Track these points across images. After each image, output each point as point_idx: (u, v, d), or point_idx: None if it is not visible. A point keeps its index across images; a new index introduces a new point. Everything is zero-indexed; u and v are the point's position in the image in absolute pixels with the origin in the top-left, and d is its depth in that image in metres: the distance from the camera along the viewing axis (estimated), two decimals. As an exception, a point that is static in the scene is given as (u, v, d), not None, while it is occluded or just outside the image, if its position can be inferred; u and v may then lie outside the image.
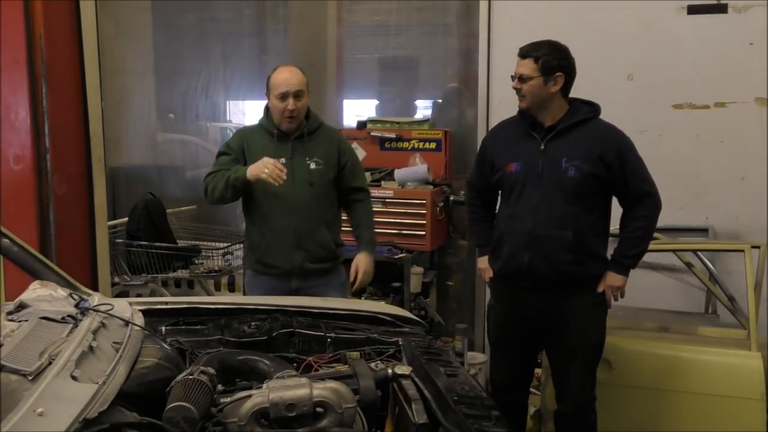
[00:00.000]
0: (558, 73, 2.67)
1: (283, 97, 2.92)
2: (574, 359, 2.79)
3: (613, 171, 2.67)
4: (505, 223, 2.81)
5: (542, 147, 2.71)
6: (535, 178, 2.70)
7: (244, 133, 3.13)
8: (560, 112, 2.73)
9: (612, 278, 2.75)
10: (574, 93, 4.26)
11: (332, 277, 3.12)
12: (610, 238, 2.88)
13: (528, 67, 2.67)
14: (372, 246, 3.18)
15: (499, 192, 2.92)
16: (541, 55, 2.66)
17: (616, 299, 2.81)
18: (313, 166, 3.02)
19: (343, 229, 3.25)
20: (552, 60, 2.66)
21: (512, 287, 2.83)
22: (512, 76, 2.73)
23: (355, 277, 3.10)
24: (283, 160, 2.95)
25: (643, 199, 2.71)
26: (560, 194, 2.67)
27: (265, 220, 3.01)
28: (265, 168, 2.77)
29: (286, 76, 2.95)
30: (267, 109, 3.10)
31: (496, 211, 2.98)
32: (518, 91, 2.71)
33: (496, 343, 3.02)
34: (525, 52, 2.70)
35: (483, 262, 2.98)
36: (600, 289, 2.76)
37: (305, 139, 3.03)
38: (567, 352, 2.80)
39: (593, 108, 2.77)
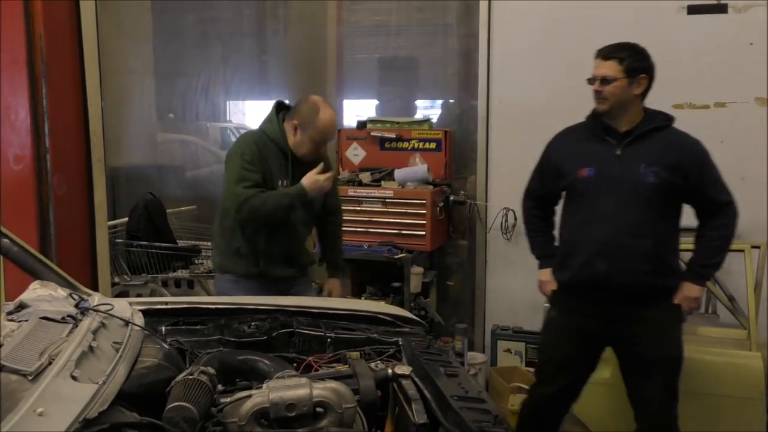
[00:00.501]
0: (642, 75, 2.60)
1: (322, 142, 2.93)
2: (650, 375, 2.66)
3: (690, 179, 2.59)
4: (577, 231, 2.68)
5: (618, 152, 2.61)
6: (611, 183, 2.60)
7: (257, 146, 2.92)
8: (637, 118, 2.64)
9: (689, 289, 2.64)
10: (576, 92, 4.26)
11: (304, 278, 3.22)
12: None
13: (612, 68, 2.59)
14: (343, 271, 3.34)
15: (564, 198, 2.81)
16: (625, 57, 2.58)
17: (691, 312, 2.69)
18: None
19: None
20: (636, 62, 2.59)
21: (581, 299, 2.70)
22: (590, 79, 2.64)
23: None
24: (287, 182, 2.95)
25: (722, 208, 2.63)
26: (638, 201, 2.57)
27: (270, 237, 2.95)
28: (322, 186, 2.88)
29: (331, 125, 2.94)
30: (282, 124, 2.95)
31: (560, 218, 2.85)
32: (599, 93, 2.62)
33: (551, 358, 2.86)
34: (607, 54, 2.61)
35: (545, 275, 2.84)
36: (677, 300, 2.64)
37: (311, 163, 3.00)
38: (643, 367, 2.67)
39: (668, 117, 2.69)
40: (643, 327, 2.63)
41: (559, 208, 2.89)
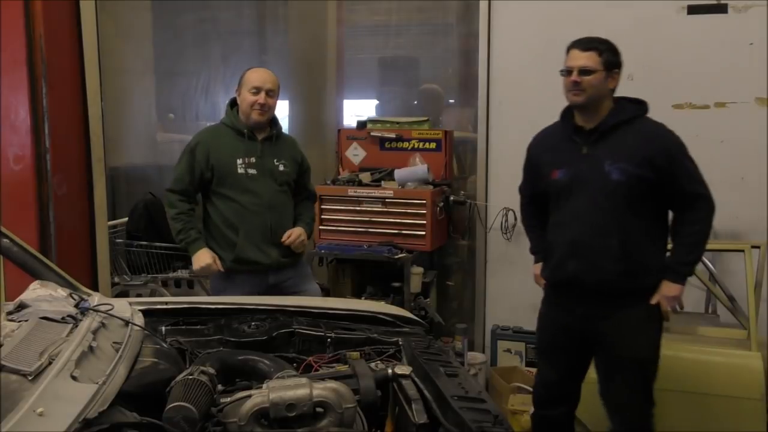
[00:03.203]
0: (616, 70, 2.58)
1: (257, 90, 3.07)
2: (618, 373, 2.62)
3: (662, 172, 2.51)
4: (552, 232, 2.73)
5: (585, 150, 2.59)
6: (580, 184, 2.59)
7: (205, 139, 3.14)
8: (605, 114, 2.60)
9: (667, 288, 2.56)
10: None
11: (300, 268, 3.28)
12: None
13: (592, 59, 2.54)
14: (309, 228, 3.31)
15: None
16: (603, 50, 2.56)
17: (674, 310, 2.63)
18: (281, 167, 3.18)
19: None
20: (612, 56, 2.58)
21: (561, 296, 2.73)
22: (566, 70, 2.58)
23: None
24: (253, 159, 3.10)
25: (695, 201, 2.54)
26: (605, 200, 2.54)
27: (241, 217, 3.09)
28: (209, 272, 3.10)
29: (262, 74, 3.14)
30: (233, 106, 3.19)
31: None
32: (577, 84, 2.54)
33: (542, 352, 2.91)
34: (587, 45, 2.57)
35: (536, 269, 2.89)
36: (654, 300, 2.57)
37: (272, 142, 3.18)
38: (611, 365, 2.65)
39: (641, 106, 2.62)
40: (617, 327, 2.59)
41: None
